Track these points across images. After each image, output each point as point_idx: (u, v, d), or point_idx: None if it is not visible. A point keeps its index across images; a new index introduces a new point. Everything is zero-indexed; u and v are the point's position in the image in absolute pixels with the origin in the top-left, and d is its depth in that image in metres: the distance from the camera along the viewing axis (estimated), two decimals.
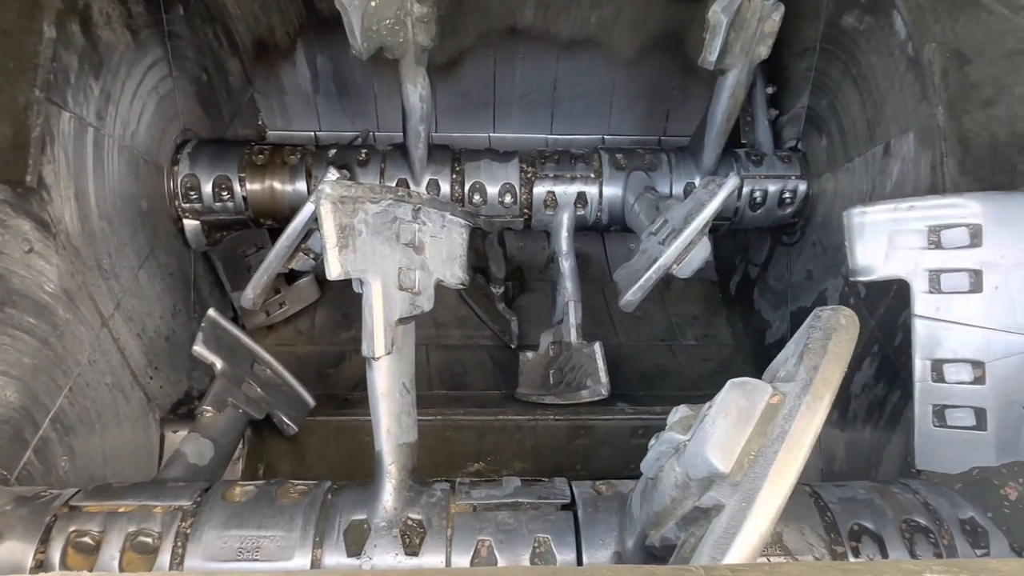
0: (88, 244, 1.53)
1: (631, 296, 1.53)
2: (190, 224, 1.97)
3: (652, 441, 0.80)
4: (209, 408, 1.51)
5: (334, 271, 1.10)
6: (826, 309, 0.77)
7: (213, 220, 2.00)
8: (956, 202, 1.24)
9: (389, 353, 1.18)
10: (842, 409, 1.84)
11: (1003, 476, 1.18)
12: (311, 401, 1.83)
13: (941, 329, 1.26)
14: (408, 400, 1.23)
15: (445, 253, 1.31)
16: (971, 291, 1.23)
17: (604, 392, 1.88)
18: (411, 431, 1.22)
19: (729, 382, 0.72)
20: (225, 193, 1.94)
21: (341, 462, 2.09)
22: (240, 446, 1.93)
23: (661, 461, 0.77)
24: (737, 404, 0.69)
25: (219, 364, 1.58)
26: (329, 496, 1.18)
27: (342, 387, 2.35)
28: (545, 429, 2.09)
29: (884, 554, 1.13)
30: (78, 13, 1.53)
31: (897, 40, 1.61)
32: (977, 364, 1.22)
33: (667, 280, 2.84)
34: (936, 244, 1.27)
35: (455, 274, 1.33)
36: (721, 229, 2.14)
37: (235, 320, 2.47)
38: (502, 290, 2.45)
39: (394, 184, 1.98)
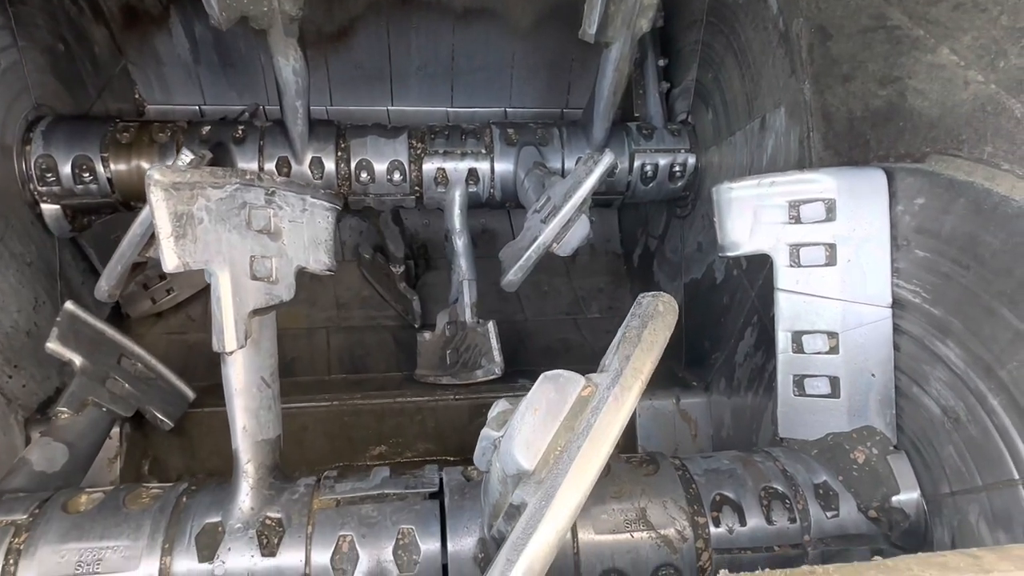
0: None
1: (512, 276, 1.51)
2: (49, 209, 1.82)
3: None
4: (65, 409, 1.41)
5: (170, 263, 1.02)
6: (647, 295, 0.77)
7: (77, 204, 1.85)
8: (813, 177, 1.27)
9: (243, 347, 1.12)
10: (728, 377, 1.90)
11: (853, 441, 1.24)
12: (190, 394, 1.75)
13: (801, 302, 1.29)
14: (268, 395, 1.18)
15: (307, 238, 1.25)
16: (826, 264, 1.27)
17: (498, 371, 1.87)
18: (271, 426, 1.17)
19: (543, 375, 0.71)
20: (87, 175, 1.80)
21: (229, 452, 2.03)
22: (118, 444, 1.83)
23: (487, 456, 0.76)
24: (547, 398, 0.67)
25: (78, 361, 1.48)
26: (184, 499, 1.12)
27: None
28: (446, 410, 2.07)
29: (743, 522, 1.17)
30: None
31: (770, 14, 1.62)
32: (832, 335, 1.27)
33: (573, 253, 2.87)
34: (796, 219, 1.30)
35: (320, 260, 1.27)
36: (614, 204, 2.15)
37: (117, 310, 2.33)
38: (402, 269, 2.40)
39: (274, 164, 1.89)
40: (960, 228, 1.09)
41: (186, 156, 1.49)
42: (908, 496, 1.17)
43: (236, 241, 1.12)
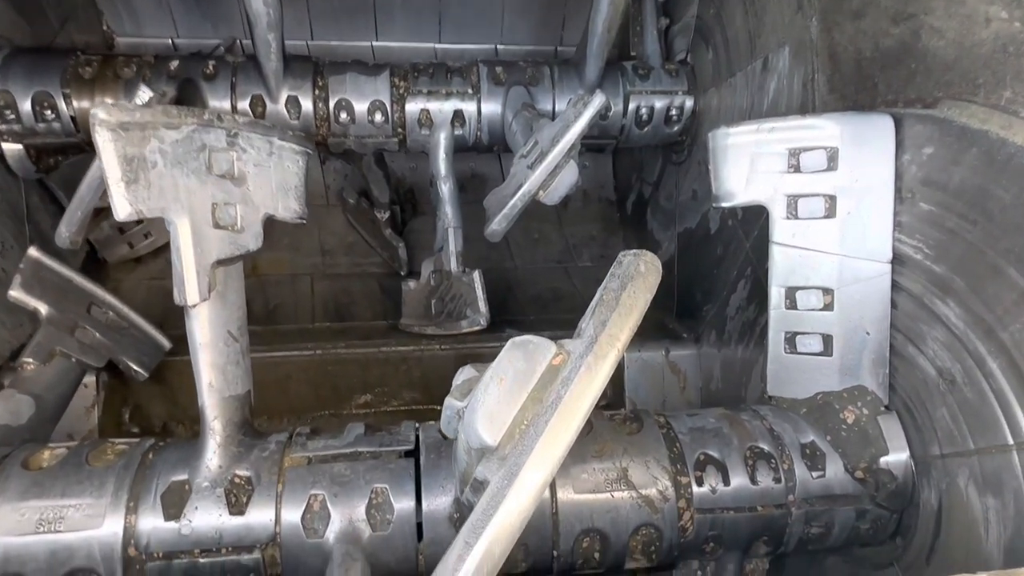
0: None
1: (496, 226, 1.45)
2: (11, 148, 1.72)
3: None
4: (30, 360, 1.36)
5: (121, 211, 0.95)
6: (629, 254, 0.71)
7: (40, 143, 1.76)
8: (815, 123, 1.19)
9: (206, 299, 1.06)
10: (719, 330, 1.86)
11: (843, 400, 1.20)
12: (166, 343, 1.70)
13: (796, 256, 1.23)
14: (235, 349, 1.13)
15: (275, 183, 1.17)
16: (825, 216, 1.20)
17: (483, 322, 1.83)
18: (240, 382, 1.13)
19: (510, 341, 0.66)
20: (48, 112, 1.70)
21: None
22: (95, 393, 1.80)
23: (452, 425, 0.72)
24: (514, 367, 0.62)
25: (44, 309, 1.42)
26: (150, 456, 1.08)
27: None
28: (432, 359, 2.03)
29: (727, 482, 1.14)
30: None
31: None
32: (827, 291, 1.21)
33: (564, 200, 2.78)
34: (795, 168, 1.22)
35: (290, 207, 1.20)
36: (607, 149, 2.06)
37: (94, 256, 2.26)
38: (387, 214, 2.32)
39: (248, 102, 1.78)
40: (970, 180, 1.02)
41: (144, 93, 1.40)
42: (896, 457, 1.14)
43: (195, 187, 1.05)
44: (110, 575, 0.98)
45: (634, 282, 0.66)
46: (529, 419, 0.61)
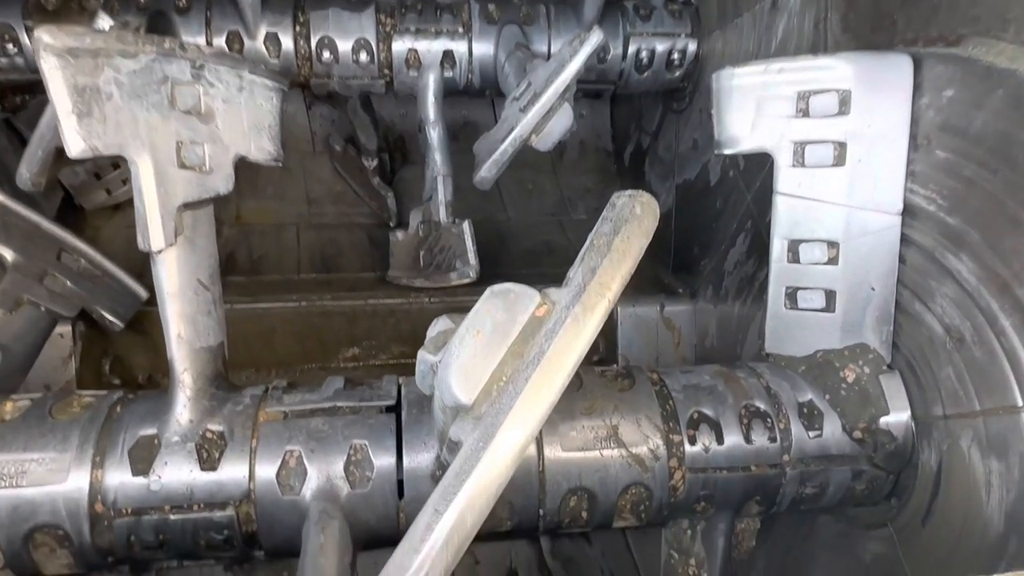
0: None
1: (485, 172, 1.37)
2: None
3: None
4: None
5: (74, 147, 0.88)
6: (624, 194, 0.64)
7: (3, 80, 1.66)
8: (827, 63, 1.11)
9: (172, 245, 1.00)
10: (716, 285, 1.80)
11: (844, 358, 1.15)
12: (142, 292, 1.63)
13: (801, 207, 1.17)
14: (206, 299, 1.06)
15: (247, 121, 1.09)
16: (834, 165, 1.13)
17: (472, 275, 1.77)
18: (212, 333, 1.07)
19: (489, 290, 0.59)
20: (10, 46, 1.59)
21: None
22: (71, 343, 1.74)
23: (428, 380, 0.66)
24: (493, 318, 0.56)
25: (9, 256, 1.35)
26: (117, 409, 1.03)
27: None
28: (420, 312, 1.98)
29: (720, 441, 1.10)
30: None
31: None
32: (832, 244, 1.15)
33: (559, 150, 2.69)
34: (804, 112, 1.14)
35: (263, 148, 1.12)
36: (605, 94, 1.96)
37: (71, 202, 2.18)
38: (375, 162, 2.23)
39: (224, 39, 1.68)
40: (993, 125, 0.95)
41: (103, 21, 1.30)
42: (897, 418, 1.10)
43: (157, 123, 0.97)
44: (76, 531, 0.94)
45: (628, 226, 0.59)
46: (508, 376, 0.56)
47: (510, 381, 0.55)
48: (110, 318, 1.54)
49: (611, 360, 1.96)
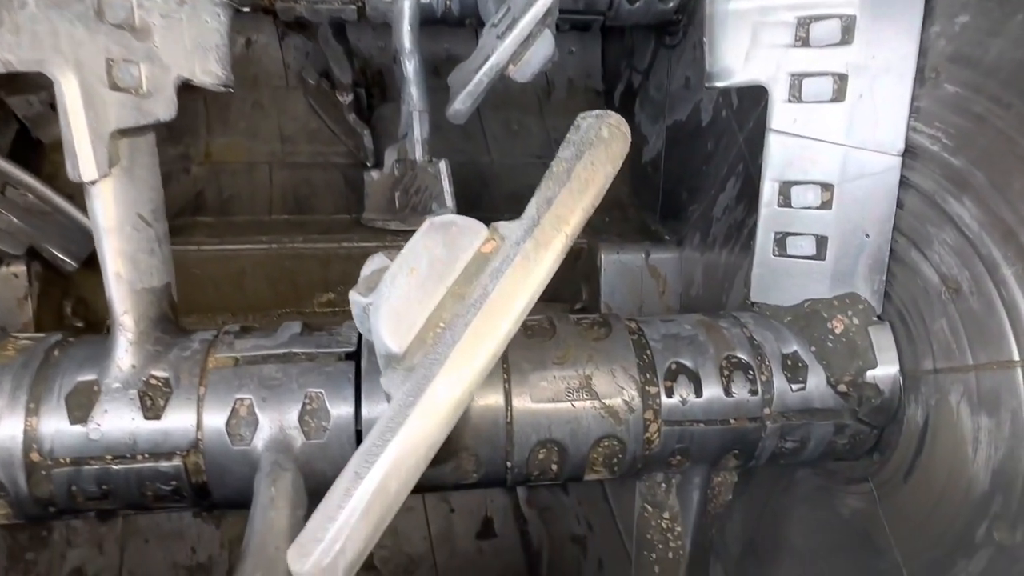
0: None
1: (459, 105, 1.27)
2: None
3: None
4: None
5: None
6: (590, 115, 0.56)
7: None
8: None
9: (106, 175, 0.91)
10: (703, 232, 1.73)
11: (833, 308, 1.09)
12: None
13: (795, 146, 1.09)
14: (148, 236, 0.98)
15: (189, 41, 0.99)
16: (833, 100, 1.04)
17: None
18: (155, 273, 0.99)
19: (428, 221, 0.52)
20: None
21: None
22: (26, 284, 1.66)
23: (366, 324, 0.59)
24: (431, 255, 0.49)
25: None
26: (55, 353, 0.96)
27: (167, 212, 2.04)
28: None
29: (699, 393, 1.05)
30: None
31: None
32: (827, 186, 1.07)
33: (547, 89, 2.56)
34: (804, 41, 1.05)
35: (210, 70, 1.02)
36: (594, 26, 1.84)
37: (27, 135, 2.05)
38: (351, 97, 2.11)
39: None
40: (1010, 54, 0.86)
41: None
42: (885, 371, 1.05)
43: (83, 37, 0.87)
44: (11, 481, 0.89)
45: (593, 150, 0.51)
46: (447, 321, 0.49)
47: (448, 328, 0.48)
48: (62, 257, 1.45)
49: (594, 308, 1.90)
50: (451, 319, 0.48)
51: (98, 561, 1.56)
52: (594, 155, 0.51)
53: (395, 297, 0.49)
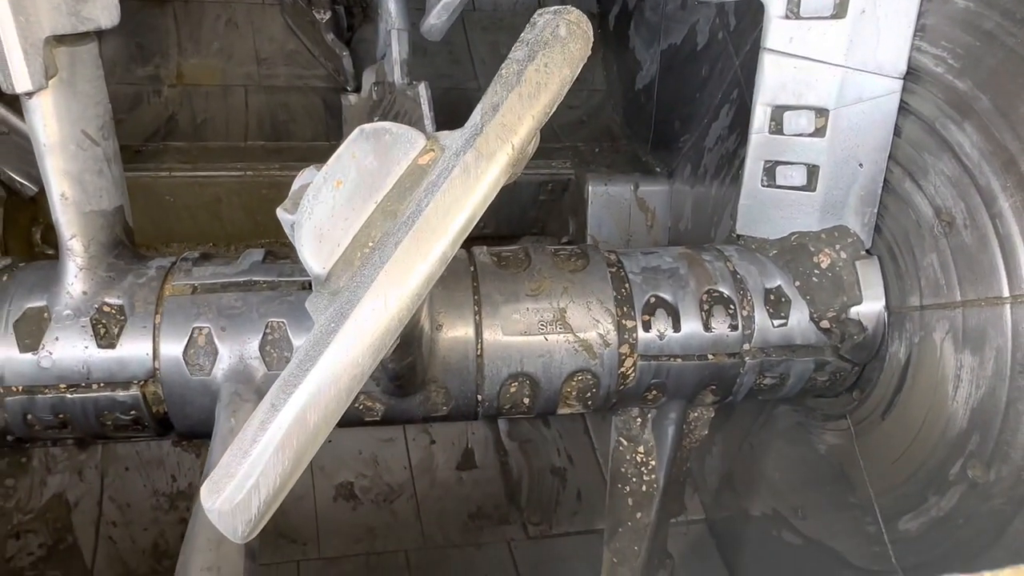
0: None
1: (434, 19, 1.18)
2: None
3: None
4: None
5: None
6: (547, 11, 0.49)
7: None
8: None
9: (43, 87, 0.84)
10: (694, 164, 1.67)
11: (820, 242, 1.05)
12: None
13: (790, 67, 1.02)
14: (95, 155, 0.92)
15: None
16: (833, 16, 0.97)
17: None
18: (105, 195, 0.93)
19: (358, 129, 0.46)
20: None
21: (139, 225, 1.82)
22: None
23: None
24: (359, 166, 0.43)
25: None
26: (3, 279, 0.92)
27: (137, 136, 1.97)
28: None
29: (676, 328, 1.01)
30: None
31: None
32: (821, 112, 1.01)
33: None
34: None
35: None
36: None
37: None
38: (328, 15, 1.99)
39: None
40: None
41: None
42: (870, 307, 1.01)
43: None
44: None
45: (548, 50, 0.45)
46: (376, 240, 0.44)
47: (377, 247, 0.43)
48: (21, 180, 1.39)
49: (580, 242, 1.86)
50: (381, 238, 0.44)
51: (79, 488, 1.57)
52: (549, 56, 0.45)
53: (318, 213, 0.44)
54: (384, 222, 0.44)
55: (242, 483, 0.41)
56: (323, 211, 0.45)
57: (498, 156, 0.44)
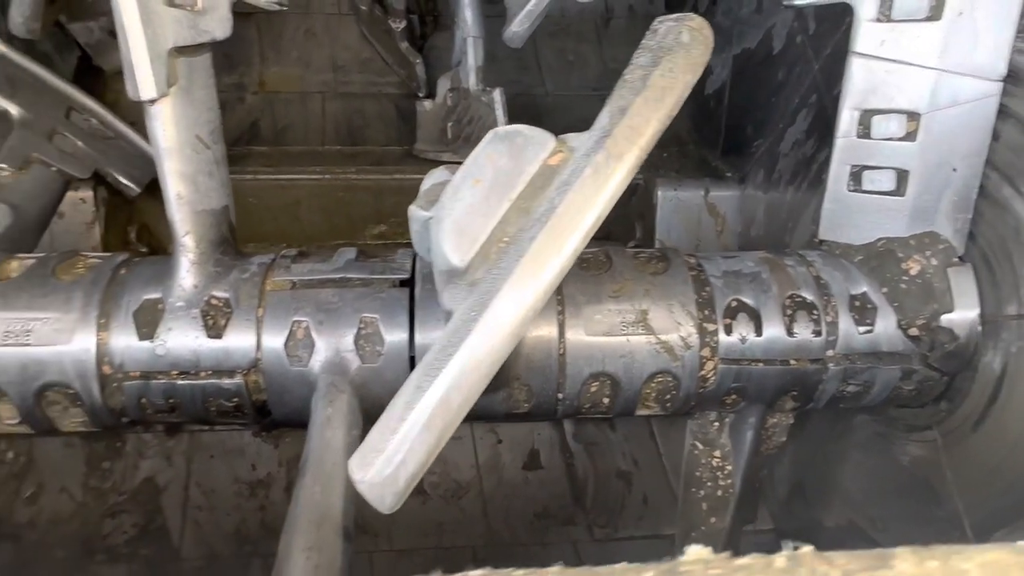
0: None
1: (516, 27, 1.21)
2: None
3: None
4: (4, 166, 1.25)
5: None
6: (668, 19, 0.51)
7: None
8: None
9: (165, 94, 0.91)
10: (768, 168, 1.65)
11: (909, 248, 1.03)
12: None
13: (881, 70, 1.00)
14: (207, 157, 0.99)
15: None
16: (928, 18, 0.95)
17: None
18: (215, 195, 1.00)
19: (492, 131, 0.49)
20: None
21: None
22: (93, 208, 1.71)
23: (425, 243, 0.58)
24: (496, 166, 0.46)
25: (15, 110, 1.29)
26: (121, 271, 0.99)
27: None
28: None
29: (759, 332, 1.01)
30: None
31: None
32: (912, 116, 0.99)
33: (606, 17, 2.45)
34: None
35: None
36: None
37: (89, 63, 2.08)
38: (404, 24, 2.06)
39: None
40: None
41: None
42: (963, 315, 0.99)
43: None
44: (86, 392, 0.93)
45: (672, 56, 0.47)
46: (511, 235, 0.47)
47: (513, 242, 0.46)
48: (125, 182, 1.48)
49: (648, 247, 1.86)
50: (516, 233, 0.46)
51: (167, 472, 1.66)
52: (673, 61, 0.47)
53: (458, 209, 0.47)
54: (518, 219, 0.47)
55: (391, 458, 0.44)
56: (462, 208, 0.48)
57: (626, 157, 0.46)
